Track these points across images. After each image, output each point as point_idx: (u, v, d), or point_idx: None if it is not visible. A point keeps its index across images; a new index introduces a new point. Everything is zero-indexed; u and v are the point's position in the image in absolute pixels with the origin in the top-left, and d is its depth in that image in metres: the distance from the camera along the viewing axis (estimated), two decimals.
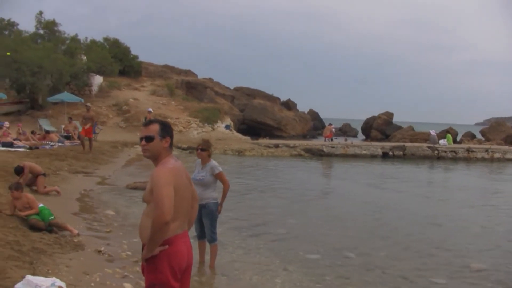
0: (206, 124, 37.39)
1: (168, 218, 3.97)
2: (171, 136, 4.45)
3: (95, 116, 26.02)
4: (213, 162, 8.40)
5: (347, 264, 9.60)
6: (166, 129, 4.41)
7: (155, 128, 4.37)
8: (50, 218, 9.69)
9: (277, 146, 33.40)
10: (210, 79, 58.36)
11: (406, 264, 9.85)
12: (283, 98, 63.95)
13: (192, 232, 9.85)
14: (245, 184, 18.73)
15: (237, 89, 62.03)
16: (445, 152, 35.31)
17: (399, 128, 56.95)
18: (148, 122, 4.46)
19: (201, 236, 8.62)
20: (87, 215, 12.02)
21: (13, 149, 21.03)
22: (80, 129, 26.30)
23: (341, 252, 10.34)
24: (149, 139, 4.35)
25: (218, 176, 8.32)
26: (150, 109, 33.94)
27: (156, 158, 4.37)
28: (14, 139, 23.26)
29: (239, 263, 9.17)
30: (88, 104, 26.04)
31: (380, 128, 58.56)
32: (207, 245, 8.64)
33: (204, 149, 8.33)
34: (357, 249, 10.70)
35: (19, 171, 13.41)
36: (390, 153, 34.35)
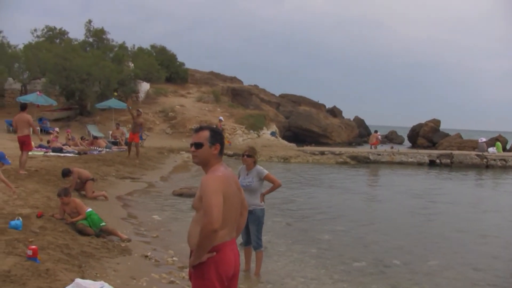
0: (251, 131, 37.42)
1: (216, 226, 3.94)
2: (221, 143, 4.40)
3: (143, 122, 26.26)
4: (259, 167, 8.39)
5: (394, 272, 9.44)
6: (216, 136, 4.37)
7: (204, 134, 4.35)
8: (101, 224, 9.84)
9: (322, 153, 33.20)
10: (256, 86, 58.46)
11: (455, 273, 9.64)
12: (329, 105, 63.72)
13: (238, 238, 9.84)
14: (290, 191, 18.64)
15: (282, 96, 62.01)
16: (494, 160, 34.41)
17: (446, 135, 56.02)
18: (198, 129, 4.45)
19: (247, 242, 8.60)
20: (134, 220, 12.13)
21: (62, 154, 21.40)
22: (127, 135, 26.67)
23: (388, 260, 10.18)
24: (198, 145, 4.33)
25: (267, 178, 8.32)
26: (221, 118, 34.22)
27: (205, 165, 4.35)
28: (64, 145, 23.68)
29: (285, 271, 9.11)
30: (140, 109, 26.33)
31: (427, 135, 57.70)
32: (253, 252, 8.61)
33: (250, 155, 8.32)
34: (404, 257, 10.52)
35: (66, 173, 13.70)
36: (437, 161, 33.74)
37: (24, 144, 15.36)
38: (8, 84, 39.90)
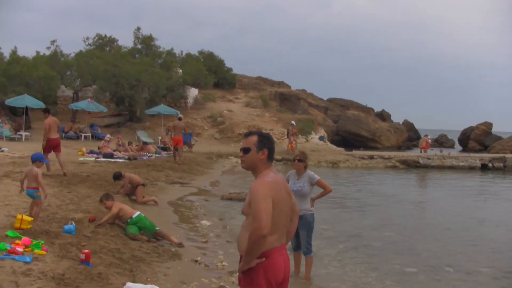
0: (300, 136, 37.32)
1: (265, 232, 3.94)
2: (270, 149, 4.37)
3: (185, 127, 26.46)
4: (310, 171, 8.36)
5: (448, 279, 9.28)
6: (264, 141, 4.35)
7: (252, 139, 4.35)
8: (156, 228, 9.98)
9: (371, 157, 32.91)
10: (304, 90, 58.30)
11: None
12: (377, 108, 63.14)
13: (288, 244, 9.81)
14: (340, 196, 18.51)
15: (330, 100, 61.72)
16: None
17: (498, 138, 54.81)
18: (247, 133, 4.47)
19: (297, 247, 8.56)
20: (184, 225, 12.21)
21: (113, 160, 21.71)
22: (169, 142, 26.97)
23: (440, 267, 10.01)
24: (245, 150, 4.34)
25: (319, 183, 8.30)
26: (293, 122, 34.31)
27: (253, 170, 4.36)
28: (114, 150, 24.02)
29: (335, 276, 9.04)
30: (180, 115, 26.61)
31: (478, 138, 56.64)
32: (302, 256, 8.57)
33: (301, 160, 8.30)
34: (457, 263, 10.32)
35: (117, 176, 13.93)
36: (490, 164, 33.03)
37: (58, 146, 15.67)
38: (61, 91, 40.75)
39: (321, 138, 38.90)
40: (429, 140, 39.88)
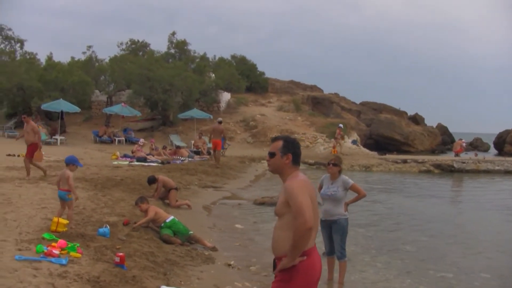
0: (332, 140, 37.13)
1: (311, 224, 4.02)
2: (294, 153, 4.47)
3: (224, 130, 26.67)
4: (344, 176, 8.31)
5: (485, 285, 9.12)
6: (289, 146, 4.46)
7: (278, 144, 4.47)
8: (190, 232, 10.04)
9: (405, 161, 32.59)
10: (336, 94, 58.06)
11: None
12: (411, 112, 62.46)
13: (319, 247, 9.77)
14: (373, 200, 18.37)
15: (363, 104, 61.33)
16: None
17: None
18: (274, 138, 4.59)
19: (330, 252, 8.50)
20: (217, 228, 12.24)
21: (146, 164, 21.87)
22: (209, 144, 27.16)
23: (476, 273, 9.84)
24: (271, 155, 4.48)
25: (353, 188, 8.24)
26: (341, 125, 34.34)
27: (280, 174, 4.49)
28: (147, 154, 24.21)
29: (369, 281, 8.95)
30: (220, 118, 26.99)
31: None
32: (336, 261, 8.51)
33: (335, 164, 8.26)
34: (494, 271, 10.13)
35: (152, 180, 14.04)
36: None
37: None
38: (95, 96, 41.22)
39: (354, 142, 38.66)
40: (464, 144, 39.35)
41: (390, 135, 52.12)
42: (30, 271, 6.45)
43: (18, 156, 21.50)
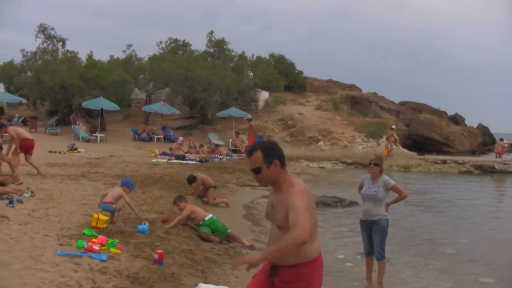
0: (371, 139, 36.84)
1: (307, 239, 3.84)
2: (279, 156, 4.18)
3: (256, 125, 27.12)
4: (385, 176, 8.20)
5: None
6: (271, 153, 4.15)
7: (258, 157, 4.14)
8: (228, 231, 10.07)
9: (444, 162, 32.11)
10: (375, 94, 57.60)
11: None
12: (450, 112, 61.61)
13: (359, 248, 9.70)
14: (412, 201, 18.15)
15: (402, 104, 60.70)
16: None
17: None
18: (250, 152, 4.23)
19: (369, 252, 8.43)
20: (255, 227, 12.25)
21: (184, 162, 22.01)
22: (247, 142, 27.45)
23: None
24: (256, 171, 4.16)
25: (394, 188, 8.12)
26: (394, 126, 34.25)
27: (274, 183, 4.21)
28: (186, 152, 24.36)
29: (407, 283, 8.85)
30: (249, 116, 27.53)
31: None
32: (375, 262, 8.43)
33: (377, 164, 8.16)
34: None
35: (191, 179, 14.09)
36: None
37: (31, 148, 15.01)
38: (134, 94, 41.57)
39: None
40: (505, 145, 38.59)
41: (429, 135, 51.44)
42: (71, 266, 6.54)
43: (59, 153, 21.83)
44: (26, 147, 14.72)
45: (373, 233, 8.14)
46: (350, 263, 9.71)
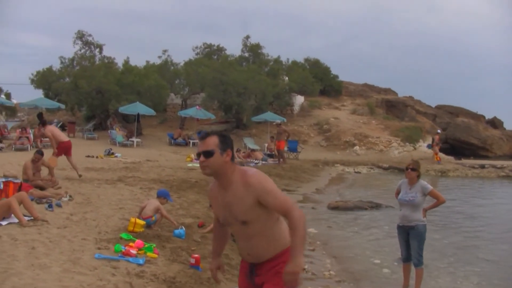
0: (407, 143, 36.55)
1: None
2: (231, 148, 3.93)
3: (285, 129, 27.55)
4: (422, 181, 8.08)
5: None
6: (227, 141, 3.90)
7: (213, 141, 3.85)
8: None
9: (482, 166, 31.64)
10: (411, 97, 57.10)
11: None
12: (488, 116, 60.72)
13: (395, 253, 9.58)
14: (450, 206, 17.90)
15: (439, 107, 60.04)
16: None
17: None
18: (204, 135, 3.95)
19: (407, 258, 8.29)
20: None
21: None
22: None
23: None
24: (207, 154, 3.82)
25: (432, 194, 7.98)
26: (439, 131, 34.19)
27: (220, 174, 3.88)
28: None
29: None
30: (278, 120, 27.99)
31: None
32: (412, 268, 8.30)
33: (414, 169, 8.05)
34: None
35: None
36: None
37: (70, 149, 15.36)
38: (170, 99, 41.89)
39: (429, 146, 37.82)
40: None
41: (466, 139, 50.73)
42: (109, 269, 6.60)
43: (97, 157, 22.09)
44: (64, 148, 14.98)
45: (411, 239, 8.02)
46: (387, 269, 9.61)
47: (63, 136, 15.55)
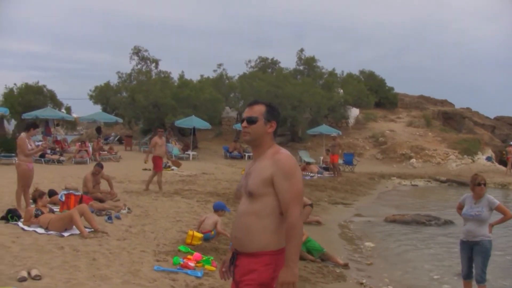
0: (465, 156, 35.84)
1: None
2: (278, 122, 3.87)
3: (339, 143, 27.80)
4: (489, 196, 7.84)
5: None
6: (273, 113, 3.84)
7: (260, 109, 3.81)
8: (323, 250, 10.02)
9: None
10: (468, 109, 56.04)
11: None
12: None
13: (455, 269, 9.37)
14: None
15: (498, 119, 58.71)
16: None
17: None
18: (253, 102, 3.91)
19: (467, 275, 8.01)
20: (348, 246, 12.09)
21: None
22: (340, 160, 27.82)
23: None
24: (251, 120, 3.79)
25: (499, 208, 7.74)
26: None
27: (257, 145, 3.82)
28: None
29: None
30: (333, 134, 29.55)
31: None
32: (474, 285, 8.06)
33: (485, 183, 7.84)
34: None
35: None
36: None
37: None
38: (225, 112, 42.18)
39: (488, 158, 37.01)
40: None
41: None
42: (168, 281, 6.67)
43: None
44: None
45: (475, 255, 7.77)
46: (447, 284, 9.40)
47: (158, 151, 16.41)
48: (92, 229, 9.01)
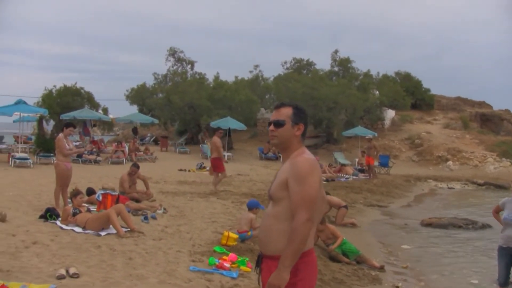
0: (503, 159, 35.23)
1: (312, 224, 3.48)
2: (306, 124, 3.83)
3: (375, 145, 27.47)
4: None
5: None
6: (301, 115, 3.80)
7: (287, 111, 3.76)
8: (359, 253, 10.00)
9: None
10: (507, 111, 55.11)
11: None
12: None
13: (494, 275, 9.18)
14: None
15: None
16: None
17: None
18: (279, 105, 3.86)
19: (504, 283, 7.76)
20: (384, 249, 12.03)
21: None
22: (376, 162, 27.60)
23: None
24: (278, 124, 3.75)
25: None
26: None
27: (285, 148, 3.78)
28: None
29: None
30: (369, 136, 29.50)
31: None
32: None
33: None
34: None
35: None
36: None
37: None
38: (261, 114, 42.24)
39: None
40: None
41: None
42: (203, 282, 6.71)
43: (189, 171, 22.51)
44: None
45: None
46: None
47: (215, 152, 16.66)
48: (129, 229, 9.11)
